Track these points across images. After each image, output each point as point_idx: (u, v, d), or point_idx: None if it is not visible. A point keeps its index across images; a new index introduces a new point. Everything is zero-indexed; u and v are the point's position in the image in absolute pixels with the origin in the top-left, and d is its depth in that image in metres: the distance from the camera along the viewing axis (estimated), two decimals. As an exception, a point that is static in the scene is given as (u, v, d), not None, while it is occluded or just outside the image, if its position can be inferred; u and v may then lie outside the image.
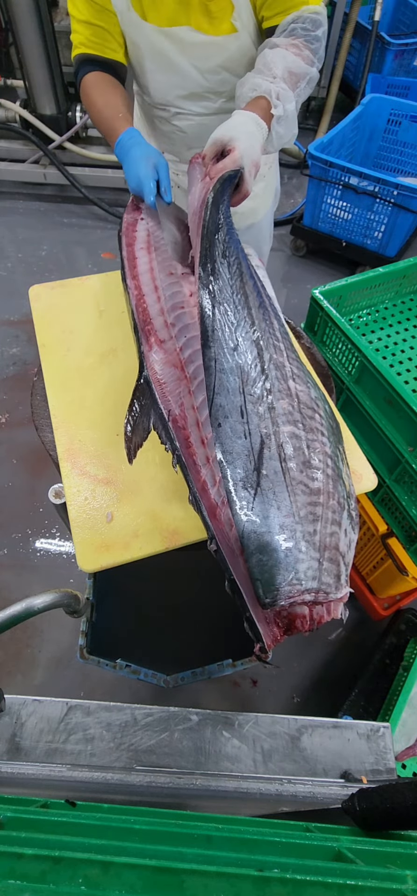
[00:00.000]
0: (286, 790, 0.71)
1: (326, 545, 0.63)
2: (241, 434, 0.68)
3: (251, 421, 0.69)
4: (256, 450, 0.67)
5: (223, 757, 0.79)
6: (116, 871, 0.38)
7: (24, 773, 0.71)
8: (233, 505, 0.64)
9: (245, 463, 0.66)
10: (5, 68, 3.68)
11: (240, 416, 0.69)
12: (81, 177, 3.15)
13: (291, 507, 0.63)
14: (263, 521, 0.62)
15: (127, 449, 0.76)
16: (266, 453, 0.66)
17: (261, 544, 0.61)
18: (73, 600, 0.79)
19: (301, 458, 0.67)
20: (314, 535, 0.62)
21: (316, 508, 0.64)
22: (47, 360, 1.05)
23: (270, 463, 0.66)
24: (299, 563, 0.60)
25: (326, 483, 0.67)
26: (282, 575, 0.59)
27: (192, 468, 0.73)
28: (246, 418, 0.69)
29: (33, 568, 1.89)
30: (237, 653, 0.90)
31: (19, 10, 2.65)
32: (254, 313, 0.81)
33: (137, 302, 0.93)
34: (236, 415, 0.69)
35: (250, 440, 0.68)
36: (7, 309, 2.72)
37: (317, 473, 0.67)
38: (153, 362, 0.83)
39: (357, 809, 0.60)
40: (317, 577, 0.61)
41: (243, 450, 0.67)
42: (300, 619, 0.63)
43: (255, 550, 0.61)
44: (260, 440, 0.67)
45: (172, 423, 0.76)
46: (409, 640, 1.56)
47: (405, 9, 3.69)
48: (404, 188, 2.40)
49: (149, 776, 0.71)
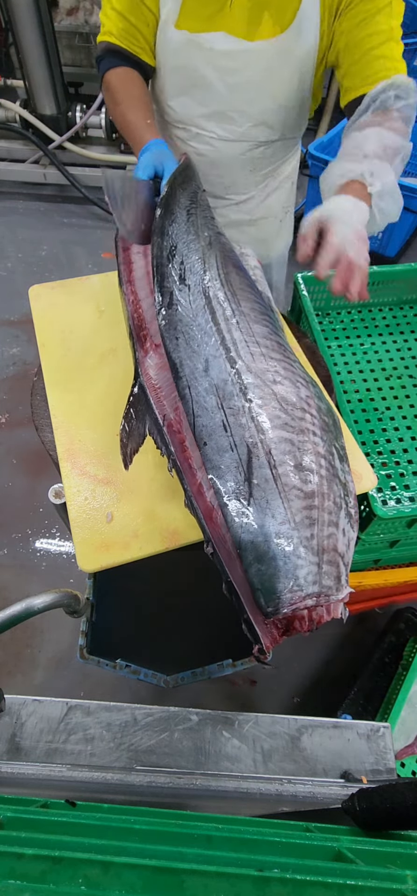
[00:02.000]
0: (286, 790, 0.71)
1: (324, 548, 0.63)
2: (227, 448, 0.67)
3: (236, 433, 0.68)
4: (244, 460, 0.66)
5: (223, 757, 0.79)
6: (116, 871, 0.38)
7: (24, 773, 0.71)
8: (228, 517, 0.64)
9: (235, 475, 0.66)
10: (5, 68, 3.68)
11: (223, 431, 0.69)
12: (81, 177, 3.15)
13: (286, 513, 0.63)
14: (259, 531, 0.62)
15: (123, 455, 0.77)
16: (255, 462, 0.66)
17: (259, 554, 0.61)
18: (73, 600, 0.79)
19: (292, 462, 0.66)
20: (311, 539, 0.62)
21: (312, 512, 0.64)
22: (47, 360, 1.05)
23: (260, 471, 0.65)
24: (298, 569, 0.60)
25: (320, 484, 0.66)
26: (282, 583, 0.59)
27: (187, 472, 0.73)
28: (230, 431, 0.69)
29: (33, 568, 1.90)
30: (237, 653, 0.90)
31: (19, 10, 2.66)
32: (223, 327, 0.78)
33: (133, 307, 0.93)
34: (219, 431, 0.69)
35: (237, 452, 0.67)
36: (7, 309, 2.72)
37: (310, 476, 0.66)
38: (148, 367, 0.83)
39: (357, 809, 0.60)
40: (318, 581, 0.60)
41: (231, 462, 0.67)
42: (299, 619, 0.63)
43: (253, 560, 0.61)
44: (247, 450, 0.67)
45: (167, 427, 0.76)
46: (408, 639, 1.57)
47: (405, 9, 3.69)
48: (404, 188, 2.39)
49: (149, 776, 0.71)
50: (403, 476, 1.26)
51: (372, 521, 1.12)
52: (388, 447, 1.31)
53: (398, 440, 1.32)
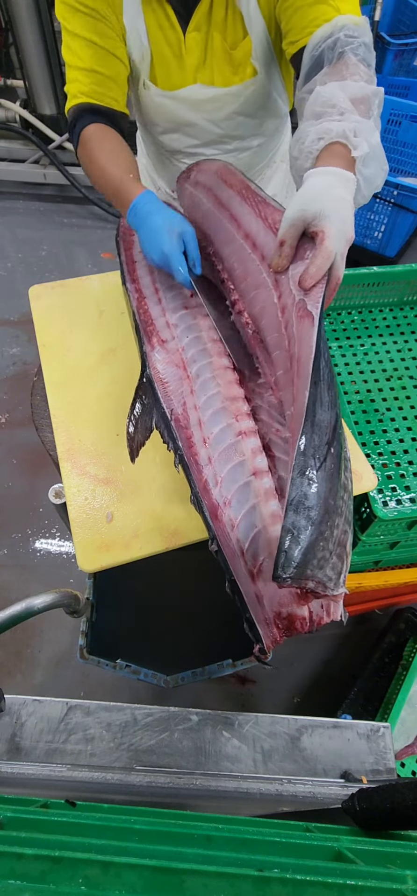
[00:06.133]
0: (286, 790, 0.71)
1: (339, 541, 0.63)
2: (327, 404, 0.65)
3: (332, 394, 0.67)
4: (332, 424, 0.65)
5: (223, 757, 0.79)
6: (116, 871, 0.38)
7: (24, 773, 0.71)
8: (297, 468, 0.60)
9: (322, 433, 0.63)
10: (5, 68, 3.67)
11: (327, 389, 0.67)
12: (81, 177, 3.14)
13: (336, 492, 0.62)
14: (314, 496, 0.60)
15: (129, 448, 0.76)
16: (336, 433, 0.65)
17: (302, 518, 0.59)
18: (73, 600, 0.80)
19: (344, 450, 0.67)
20: (335, 527, 0.62)
21: (342, 504, 0.64)
22: (47, 360, 1.05)
23: (335, 445, 0.64)
24: (318, 549, 0.59)
25: (346, 481, 0.67)
26: (305, 555, 0.58)
27: (194, 468, 0.73)
28: (331, 393, 0.67)
29: (33, 568, 1.90)
30: (237, 653, 0.90)
31: (19, 10, 2.66)
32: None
33: (138, 304, 0.93)
34: (324, 384, 0.67)
35: (330, 413, 0.65)
36: (7, 309, 2.72)
37: (347, 473, 0.67)
38: (156, 361, 0.83)
39: (357, 809, 0.60)
40: (323, 568, 0.60)
41: (325, 418, 0.64)
42: (300, 620, 0.63)
43: (295, 521, 0.58)
44: (336, 417, 0.66)
45: (174, 422, 0.76)
46: (408, 640, 1.57)
47: (405, 9, 3.68)
48: (404, 188, 2.40)
49: (149, 776, 0.71)
50: (403, 477, 1.26)
51: (373, 522, 1.12)
52: (388, 448, 1.31)
53: (398, 441, 1.32)
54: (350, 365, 1.48)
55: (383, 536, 1.21)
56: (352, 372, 1.47)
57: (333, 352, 1.51)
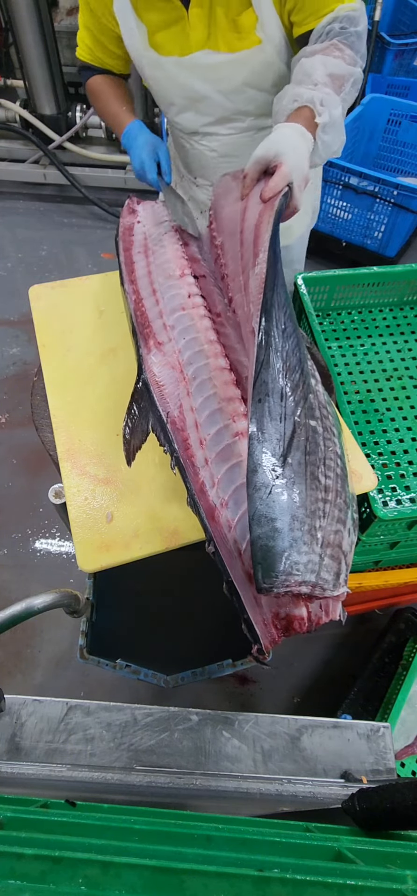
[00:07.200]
0: (286, 790, 0.71)
1: (329, 542, 0.63)
2: (277, 417, 0.67)
3: (288, 407, 0.68)
4: (287, 436, 0.66)
5: (223, 757, 0.79)
6: (116, 871, 0.38)
7: (24, 773, 0.71)
8: (251, 485, 0.62)
9: (274, 447, 0.65)
10: (5, 68, 3.67)
11: (280, 399, 0.68)
12: (81, 177, 3.14)
13: (304, 499, 0.63)
14: (277, 508, 0.61)
15: (126, 452, 0.77)
16: (295, 442, 0.66)
17: (269, 530, 0.60)
18: (73, 600, 0.79)
19: (319, 455, 0.67)
20: (318, 530, 0.62)
21: (325, 505, 0.64)
22: (47, 360, 1.05)
23: (295, 454, 0.65)
24: (301, 554, 0.60)
25: (335, 481, 0.67)
26: (283, 563, 0.59)
27: (190, 470, 0.73)
28: (284, 402, 0.68)
29: (33, 568, 1.89)
30: (237, 653, 0.90)
31: (19, 10, 2.65)
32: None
33: (136, 305, 0.93)
34: (276, 396, 0.68)
35: (283, 425, 0.66)
36: (7, 309, 2.72)
37: (329, 472, 0.67)
38: (152, 364, 0.83)
39: (357, 809, 0.60)
40: (316, 572, 0.61)
41: (275, 433, 0.66)
42: (298, 620, 0.63)
43: (262, 535, 0.60)
44: (292, 428, 0.67)
45: (170, 424, 0.76)
46: (408, 640, 1.57)
47: (405, 9, 3.68)
48: (404, 188, 2.40)
49: (149, 776, 0.71)
50: (403, 477, 1.26)
51: (373, 522, 1.12)
52: (388, 448, 1.31)
53: (398, 441, 1.32)
54: (350, 365, 1.49)
55: (383, 536, 1.21)
56: (352, 372, 1.47)
57: (333, 352, 1.52)
